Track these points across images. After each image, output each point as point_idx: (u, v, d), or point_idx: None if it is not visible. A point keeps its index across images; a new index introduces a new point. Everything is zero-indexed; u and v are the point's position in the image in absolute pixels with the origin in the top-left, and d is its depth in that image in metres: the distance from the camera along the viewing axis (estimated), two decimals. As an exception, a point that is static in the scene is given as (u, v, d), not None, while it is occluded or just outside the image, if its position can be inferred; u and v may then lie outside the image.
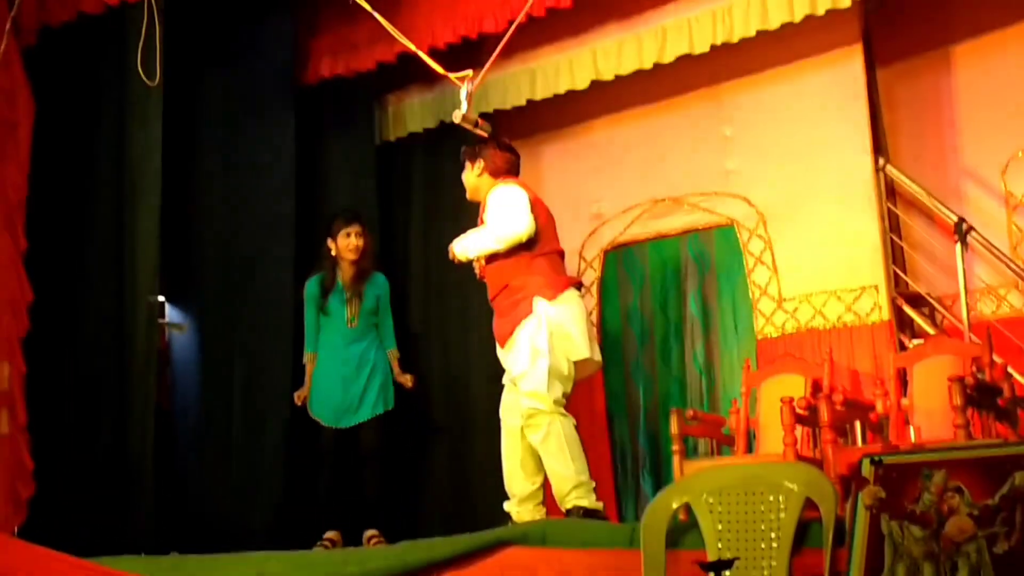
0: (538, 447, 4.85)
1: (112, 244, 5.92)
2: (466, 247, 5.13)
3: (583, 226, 7.00)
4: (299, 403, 6.13)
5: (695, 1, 6.36)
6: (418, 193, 7.39)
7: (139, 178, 5.92)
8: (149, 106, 5.91)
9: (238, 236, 6.77)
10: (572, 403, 4.97)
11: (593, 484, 4.88)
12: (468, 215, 5.37)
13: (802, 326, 6.38)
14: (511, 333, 4.95)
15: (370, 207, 7.09)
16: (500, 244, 4.98)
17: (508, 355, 5.02)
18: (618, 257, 7.13)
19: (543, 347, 4.84)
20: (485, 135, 5.20)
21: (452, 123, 5.24)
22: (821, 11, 5.93)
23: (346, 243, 6.09)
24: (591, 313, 6.71)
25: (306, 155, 6.99)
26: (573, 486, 4.79)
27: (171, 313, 6.94)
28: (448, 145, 6.95)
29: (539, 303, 4.93)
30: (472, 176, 5.22)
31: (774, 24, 6.07)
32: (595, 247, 7.14)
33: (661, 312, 7.01)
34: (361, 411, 6.00)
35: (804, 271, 6.42)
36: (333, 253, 6.12)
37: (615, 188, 6.98)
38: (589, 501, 4.81)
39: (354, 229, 6.11)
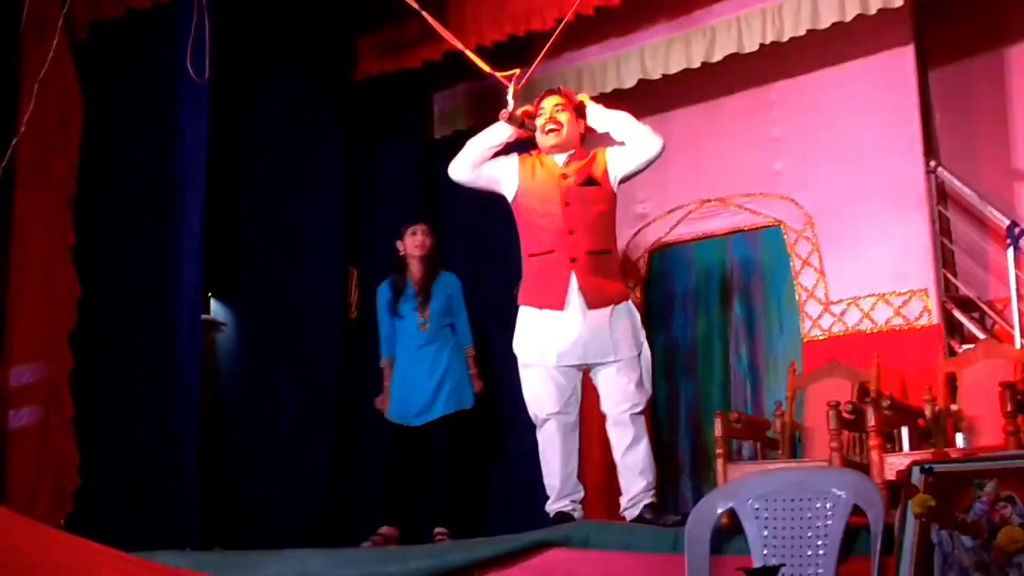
0: (627, 442, 4.68)
1: (159, 239, 5.95)
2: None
3: (628, 226, 6.90)
4: (380, 408, 6.25)
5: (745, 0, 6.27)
6: (464, 191, 7.27)
7: (186, 173, 5.93)
8: (197, 102, 5.92)
9: (285, 233, 6.79)
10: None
11: None
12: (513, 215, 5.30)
13: (849, 329, 6.31)
14: (606, 305, 4.74)
15: (416, 205, 7.11)
16: (655, 133, 4.86)
17: (599, 326, 4.71)
18: (663, 257, 7.09)
19: (645, 342, 4.80)
20: (531, 134, 5.05)
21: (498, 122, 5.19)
22: (872, 11, 5.83)
23: (412, 240, 6.23)
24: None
25: (353, 152, 7.01)
26: (650, 487, 4.69)
27: (216, 309, 6.97)
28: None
29: (629, 294, 4.93)
30: (576, 128, 4.98)
31: (824, 24, 5.99)
32: (640, 247, 7.10)
33: (706, 313, 6.96)
34: (433, 409, 6.09)
35: (852, 274, 6.34)
36: (402, 253, 6.26)
37: (660, 188, 6.88)
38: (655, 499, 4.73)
39: (420, 228, 6.26)
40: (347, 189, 6.89)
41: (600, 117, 4.90)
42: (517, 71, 5.02)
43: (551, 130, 4.92)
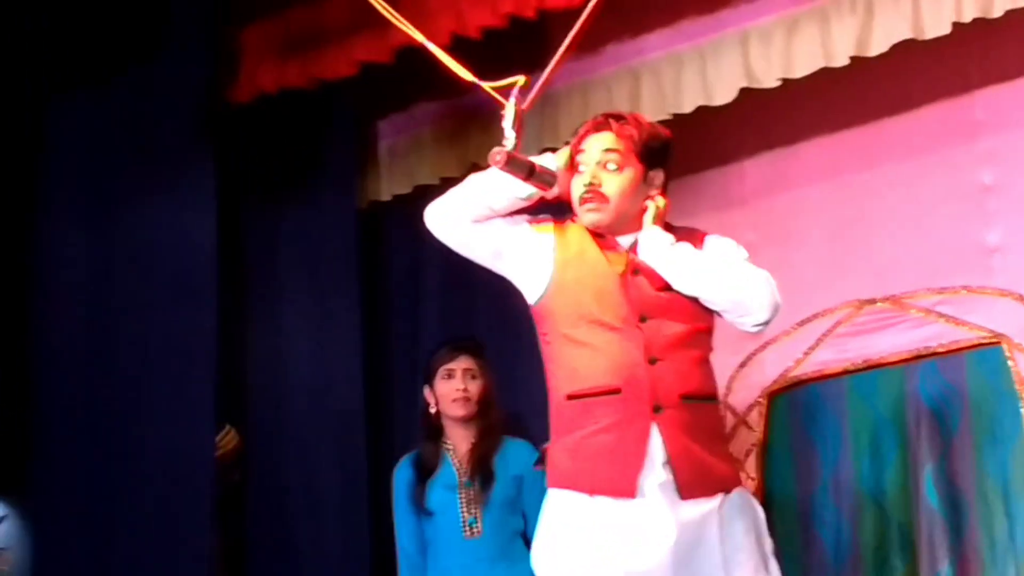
0: None
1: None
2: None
3: (727, 351, 4.50)
4: None
5: None
6: (433, 280, 5.70)
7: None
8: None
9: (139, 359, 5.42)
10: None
11: None
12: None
13: None
14: (711, 493, 3.59)
15: (352, 309, 5.76)
16: (772, 288, 3.52)
17: (700, 528, 3.60)
18: (792, 403, 4.99)
19: (773, 557, 3.86)
20: (547, 189, 3.26)
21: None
22: None
23: (447, 387, 4.49)
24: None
25: (237, 225, 5.61)
26: None
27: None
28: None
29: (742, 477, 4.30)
30: (639, 195, 3.42)
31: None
32: (751, 388, 4.95)
33: (873, 501, 4.82)
34: None
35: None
36: (432, 410, 4.56)
37: (786, 282, 4.28)
38: None
39: (461, 364, 4.53)
40: (227, 286, 5.26)
41: (675, 273, 3.39)
42: (522, 79, 3.34)
43: (590, 199, 3.43)
